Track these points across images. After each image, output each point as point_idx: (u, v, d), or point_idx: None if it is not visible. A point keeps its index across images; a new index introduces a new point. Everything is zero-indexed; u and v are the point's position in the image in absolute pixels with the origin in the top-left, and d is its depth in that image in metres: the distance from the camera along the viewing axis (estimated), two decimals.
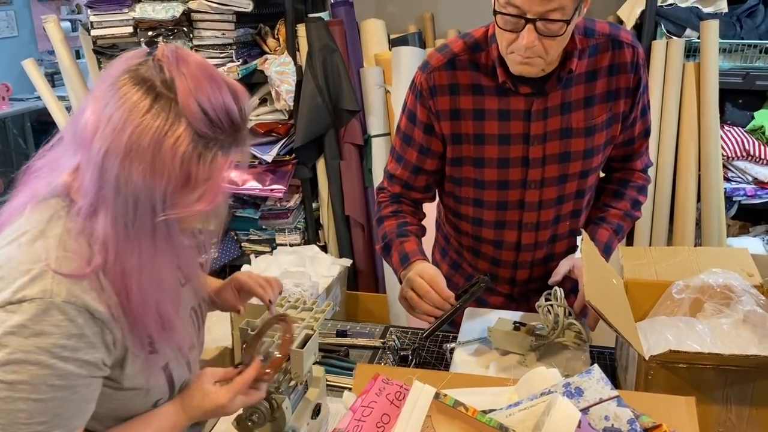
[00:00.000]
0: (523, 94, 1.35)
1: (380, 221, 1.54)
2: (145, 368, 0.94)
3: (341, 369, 1.49)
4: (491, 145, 1.40)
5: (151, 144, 0.82)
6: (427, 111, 1.41)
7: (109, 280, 0.88)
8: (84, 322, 0.84)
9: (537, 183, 1.42)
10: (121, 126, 0.82)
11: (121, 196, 0.83)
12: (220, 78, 0.87)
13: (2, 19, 4.78)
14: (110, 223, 0.85)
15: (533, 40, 1.20)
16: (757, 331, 1.27)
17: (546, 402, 0.93)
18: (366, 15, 2.95)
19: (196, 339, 1.10)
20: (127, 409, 0.97)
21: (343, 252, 3.03)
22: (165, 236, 0.88)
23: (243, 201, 3.00)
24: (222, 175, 0.88)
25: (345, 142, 2.88)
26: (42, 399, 0.83)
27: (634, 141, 1.50)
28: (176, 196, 0.85)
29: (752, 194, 2.51)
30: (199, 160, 0.84)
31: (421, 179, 1.51)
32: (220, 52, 2.65)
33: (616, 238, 1.52)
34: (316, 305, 1.23)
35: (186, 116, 0.83)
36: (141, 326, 0.91)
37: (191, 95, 0.83)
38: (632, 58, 1.38)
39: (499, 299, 1.59)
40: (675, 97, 2.47)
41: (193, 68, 0.85)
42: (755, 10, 2.47)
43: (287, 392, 1.11)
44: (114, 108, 0.83)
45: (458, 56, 1.38)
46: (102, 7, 2.70)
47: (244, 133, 0.90)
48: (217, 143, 0.86)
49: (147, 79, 0.84)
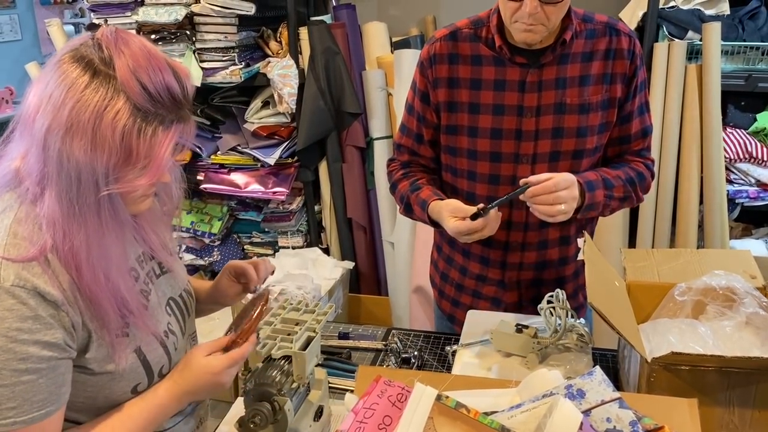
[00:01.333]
0: (519, 63, 1.41)
1: (394, 187, 1.59)
2: (113, 351, 0.95)
3: (343, 371, 1.49)
4: (485, 115, 1.44)
5: (91, 119, 0.83)
6: (425, 80, 1.49)
7: (60, 260, 0.89)
8: (36, 304, 0.85)
9: (529, 158, 1.45)
10: (61, 102, 0.84)
11: (64, 171, 0.85)
12: (161, 57, 0.89)
13: (6, 22, 4.79)
14: (56, 200, 0.86)
15: (536, 7, 1.28)
16: (759, 333, 1.27)
17: (548, 404, 0.93)
18: (368, 18, 2.95)
19: (179, 327, 1.10)
20: (105, 396, 0.97)
21: (346, 254, 3.03)
22: (110, 212, 0.89)
23: (245, 204, 3.01)
24: (163, 150, 0.89)
25: (347, 145, 2.88)
26: (7, 384, 0.84)
27: (630, 139, 1.49)
28: (118, 170, 0.86)
29: (755, 196, 2.51)
30: (140, 134, 0.86)
31: (424, 149, 1.56)
32: (222, 55, 2.65)
33: (603, 187, 1.42)
34: (318, 307, 1.23)
35: (125, 91, 0.84)
36: (97, 306, 0.91)
37: (129, 70, 0.85)
38: (629, 46, 1.43)
39: (492, 289, 1.59)
40: (677, 99, 2.47)
41: (132, 47, 0.87)
42: (757, 13, 2.47)
43: (289, 394, 1.11)
44: (54, 86, 0.84)
45: (461, 29, 1.47)
46: (105, 11, 2.71)
47: (186, 111, 0.91)
48: (157, 118, 0.87)
49: (85, 56, 0.85)
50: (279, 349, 1.11)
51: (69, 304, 0.89)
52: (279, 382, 1.10)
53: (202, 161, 2.89)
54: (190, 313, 1.16)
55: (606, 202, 1.43)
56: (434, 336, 1.64)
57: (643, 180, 1.50)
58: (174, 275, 1.13)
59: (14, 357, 0.84)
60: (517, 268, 1.55)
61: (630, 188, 1.47)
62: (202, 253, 3.01)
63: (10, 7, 4.84)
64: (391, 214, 2.90)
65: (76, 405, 0.95)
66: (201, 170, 2.91)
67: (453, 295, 1.67)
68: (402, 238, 2.85)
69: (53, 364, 0.88)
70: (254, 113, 2.84)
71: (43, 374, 0.87)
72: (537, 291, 1.56)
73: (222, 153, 2.88)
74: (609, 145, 1.51)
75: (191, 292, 1.19)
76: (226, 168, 2.89)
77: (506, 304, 1.60)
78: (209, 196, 3.00)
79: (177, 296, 1.13)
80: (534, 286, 1.57)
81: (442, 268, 1.69)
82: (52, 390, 0.89)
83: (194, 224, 2.97)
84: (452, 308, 1.68)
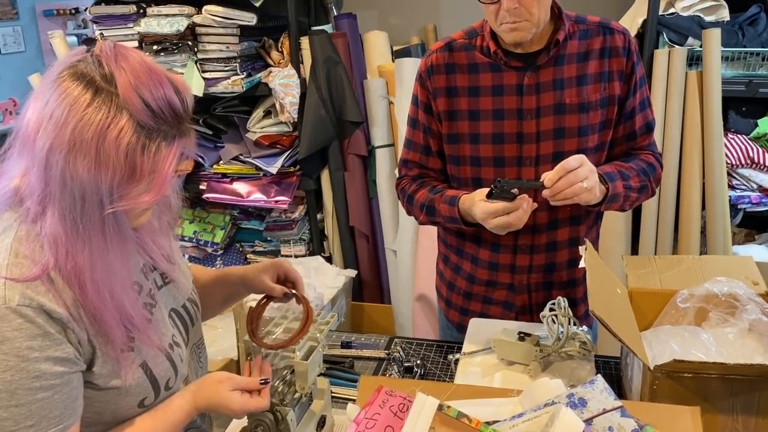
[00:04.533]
0: (515, 67, 1.42)
1: (410, 199, 1.57)
2: (119, 367, 0.95)
3: (346, 380, 1.49)
4: (486, 121, 1.46)
5: (95, 137, 0.83)
6: (426, 91, 1.51)
7: (63, 278, 0.88)
8: (44, 322, 0.85)
9: (532, 160, 1.45)
10: (63, 121, 0.83)
11: (67, 191, 0.84)
12: (161, 71, 0.88)
13: (9, 34, 4.82)
14: (58, 219, 0.86)
15: (513, 3, 1.31)
16: (762, 339, 1.26)
17: (549, 413, 0.93)
18: (369, 27, 2.96)
19: (182, 338, 1.10)
20: (112, 411, 0.97)
21: (348, 263, 3.03)
22: (114, 229, 0.88)
23: (248, 213, 3.01)
24: (167, 166, 0.88)
25: (349, 154, 2.89)
26: (23, 403, 0.84)
27: (635, 135, 1.51)
28: (122, 188, 0.86)
29: (757, 202, 2.50)
30: (144, 151, 0.85)
31: (433, 160, 1.56)
32: (224, 66, 2.67)
33: (620, 177, 1.42)
34: (320, 317, 1.23)
35: (127, 108, 0.84)
36: (102, 323, 0.91)
37: (131, 88, 0.84)
38: (624, 44, 1.45)
39: (503, 293, 1.59)
40: (678, 105, 2.47)
41: (132, 62, 0.86)
42: (757, 19, 2.47)
43: (292, 404, 1.11)
44: (55, 104, 0.84)
45: (456, 40, 1.50)
46: (108, 22, 2.72)
47: (186, 125, 0.91)
48: (160, 134, 0.87)
49: (86, 74, 0.85)
50: (281, 359, 1.11)
51: (74, 321, 0.89)
52: (281, 392, 1.10)
53: (205, 171, 2.90)
54: (194, 323, 1.16)
55: (626, 194, 1.43)
56: (437, 345, 1.64)
57: (654, 170, 1.51)
58: (177, 285, 1.13)
59: (27, 375, 0.84)
60: (527, 271, 1.55)
61: (645, 177, 1.48)
62: (204, 263, 3.01)
63: (13, 18, 4.87)
64: (393, 222, 2.90)
65: (83, 420, 0.95)
66: (203, 180, 2.92)
67: (462, 304, 1.66)
68: (404, 246, 2.85)
69: (66, 379, 0.88)
70: (256, 123, 2.85)
71: (57, 390, 0.87)
72: (548, 294, 1.57)
73: (224, 162, 2.89)
74: (616, 144, 1.52)
75: (196, 301, 1.18)
76: (229, 177, 2.89)
77: (517, 308, 1.59)
78: (212, 206, 3.01)
79: (180, 307, 1.13)
80: (544, 289, 1.57)
81: (448, 278, 1.68)
82: (67, 404, 0.89)
83: (197, 233, 2.97)
84: (461, 317, 1.66)
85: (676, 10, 2.47)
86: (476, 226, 1.43)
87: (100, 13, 2.72)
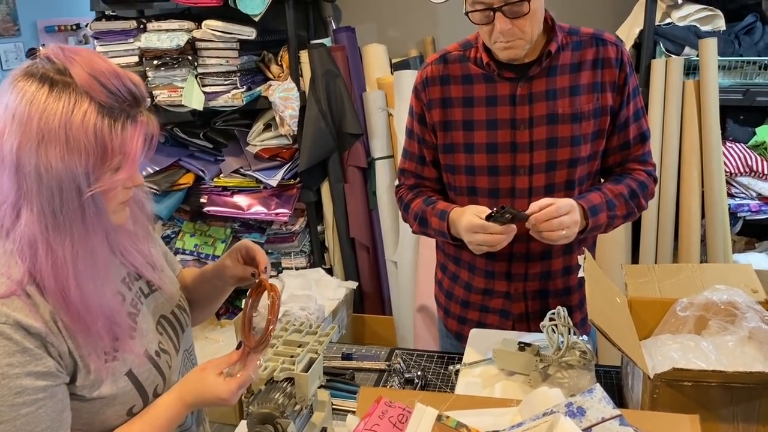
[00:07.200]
0: (508, 78, 1.44)
1: (406, 208, 1.61)
2: (103, 377, 0.94)
3: (347, 392, 1.49)
4: (480, 131, 1.48)
5: (61, 124, 0.84)
6: (421, 103, 1.54)
7: (42, 287, 0.88)
8: (22, 338, 0.86)
9: (525, 169, 1.48)
10: (27, 117, 0.84)
11: (44, 184, 0.85)
12: (111, 63, 0.90)
13: (11, 50, 4.85)
14: (37, 217, 0.86)
15: (507, 23, 1.33)
16: (762, 347, 1.26)
17: (548, 422, 0.93)
18: (368, 40, 2.98)
19: (172, 344, 1.10)
20: (101, 421, 0.97)
21: (349, 274, 3.03)
22: (94, 214, 0.89)
23: (248, 225, 3.02)
24: (135, 142, 0.90)
25: (349, 166, 2.90)
26: (7, 420, 0.84)
27: (629, 145, 1.52)
28: (97, 169, 0.87)
29: (756, 210, 2.51)
30: (111, 130, 0.86)
31: (428, 170, 1.60)
32: (224, 80, 2.68)
33: (606, 209, 1.46)
34: (320, 328, 1.24)
35: (87, 92, 0.85)
36: (85, 328, 0.91)
37: (87, 74, 0.85)
38: (616, 55, 1.46)
39: (500, 301, 1.60)
40: (676, 114, 2.48)
41: (82, 54, 0.88)
42: (753, 27, 2.49)
43: (292, 416, 1.11)
44: (15, 104, 0.84)
45: (450, 52, 1.53)
46: (108, 38, 2.75)
47: (145, 104, 0.92)
48: (122, 113, 0.88)
49: (39, 71, 0.86)
50: (281, 371, 1.11)
51: (53, 335, 0.89)
52: (282, 404, 1.10)
53: (205, 184, 2.91)
54: (183, 329, 1.16)
55: (609, 222, 1.48)
56: (438, 355, 1.64)
57: (646, 188, 1.53)
58: (163, 292, 1.13)
59: (9, 392, 0.84)
60: (523, 278, 1.56)
61: (633, 203, 1.50)
62: None
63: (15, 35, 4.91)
64: (393, 234, 2.91)
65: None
66: (204, 193, 2.93)
67: (459, 313, 1.67)
68: (405, 257, 2.85)
69: (50, 392, 0.88)
70: (256, 136, 2.86)
71: (41, 404, 0.87)
72: (544, 302, 1.58)
73: (225, 176, 2.90)
74: (610, 154, 1.54)
75: (184, 307, 1.18)
76: (229, 190, 2.90)
77: (514, 316, 1.60)
78: (212, 219, 3.02)
79: (168, 313, 1.13)
80: (541, 297, 1.58)
81: (446, 287, 1.69)
82: (53, 417, 0.89)
83: (198, 247, 2.98)
84: (459, 326, 1.68)
85: (673, 20, 2.48)
86: (462, 242, 1.45)
87: (100, 29, 2.74)
